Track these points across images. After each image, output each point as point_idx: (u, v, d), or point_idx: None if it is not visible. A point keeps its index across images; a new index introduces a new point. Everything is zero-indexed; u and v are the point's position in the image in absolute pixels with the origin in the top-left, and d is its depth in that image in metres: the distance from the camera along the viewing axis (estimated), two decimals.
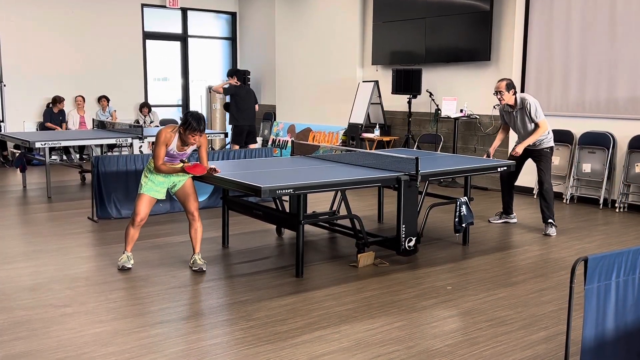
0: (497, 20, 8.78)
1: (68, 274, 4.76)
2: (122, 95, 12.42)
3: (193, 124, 4.51)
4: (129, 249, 4.89)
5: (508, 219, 6.69)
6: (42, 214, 7.01)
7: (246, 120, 9.73)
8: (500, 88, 6.10)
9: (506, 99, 6.12)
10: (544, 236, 6.09)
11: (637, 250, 2.57)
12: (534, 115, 6.06)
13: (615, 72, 7.52)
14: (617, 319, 2.59)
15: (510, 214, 6.68)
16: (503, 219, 6.69)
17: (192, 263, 4.88)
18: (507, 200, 6.65)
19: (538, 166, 6.29)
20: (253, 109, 9.87)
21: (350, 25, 10.93)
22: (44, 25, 11.58)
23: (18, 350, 3.38)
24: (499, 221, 6.69)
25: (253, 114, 9.86)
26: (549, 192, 6.19)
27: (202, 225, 4.91)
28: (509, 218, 6.69)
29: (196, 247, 4.89)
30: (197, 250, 4.89)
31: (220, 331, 3.68)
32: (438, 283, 4.63)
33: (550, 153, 6.27)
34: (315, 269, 4.95)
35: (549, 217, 6.19)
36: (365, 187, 4.89)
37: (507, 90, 6.08)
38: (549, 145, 6.25)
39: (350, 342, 3.53)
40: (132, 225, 4.80)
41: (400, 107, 10.17)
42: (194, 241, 4.88)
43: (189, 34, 13.57)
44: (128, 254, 4.89)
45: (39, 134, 9.05)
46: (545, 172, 6.23)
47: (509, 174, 6.47)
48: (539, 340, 3.59)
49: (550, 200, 6.19)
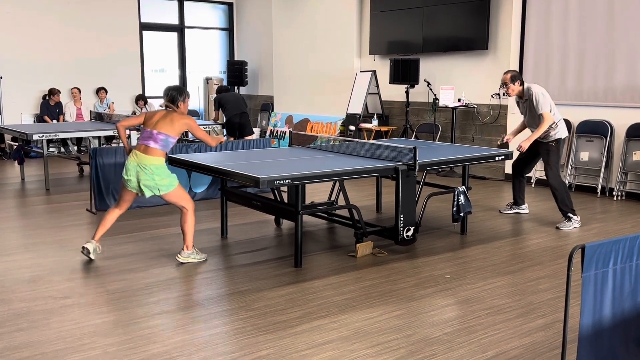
0: (494, 9, 8.75)
1: (67, 265, 4.76)
2: (119, 87, 12.38)
3: (184, 88, 4.73)
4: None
5: (519, 210, 6.64)
6: (40, 206, 7.01)
7: (231, 111, 9.71)
8: (505, 80, 5.98)
9: (513, 91, 6.00)
10: (556, 230, 5.96)
11: (634, 238, 2.58)
12: (537, 106, 5.91)
13: (613, 61, 7.51)
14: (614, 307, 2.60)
15: (522, 204, 6.63)
16: (514, 209, 6.65)
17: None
18: (518, 191, 6.57)
19: (543, 160, 6.19)
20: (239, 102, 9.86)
21: (347, 14, 10.90)
22: (41, 17, 11.53)
23: (18, 342, 3.39)
24: (510, 212, 6.66)
25: (239, 106, 9.83)
26: (556, 186, 6.02)
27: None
28: (520, 209, 6.63)
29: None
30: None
31: (219, 321, 3.70)
32: (436, 272, 4.65)
33: (556, 146, 6.05)
34: (313, 259, 4.96)
35: (565, 212, 6.03)
36: (363, 177, 4.90)
37: (512, 82, 5.96)
38: (555, 138, 6.04)
39: (349, 331, 3.55)
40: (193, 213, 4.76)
41: (398, 97, 10.16)
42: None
43: (186, 24, 13.53)
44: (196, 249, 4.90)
45: (36, 126, 9.03)
46: (550, 166, 6.07)
47: (521, 166, 6.43)
48: (536, 328, 3.61)
49: (560, 194, 6.01)
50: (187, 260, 4.79)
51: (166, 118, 4.61)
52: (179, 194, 4.68)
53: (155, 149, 4.55)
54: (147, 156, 4.53)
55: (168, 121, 4.59)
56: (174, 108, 4.67)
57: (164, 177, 4.59)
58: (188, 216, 4.71)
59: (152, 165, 4.53)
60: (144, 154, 4.55)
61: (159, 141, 4.55)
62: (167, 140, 4.58)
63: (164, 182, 4.60)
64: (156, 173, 4.55)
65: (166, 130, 4.56)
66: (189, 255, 4.80)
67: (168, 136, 4.57)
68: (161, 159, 4.59)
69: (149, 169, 4.52)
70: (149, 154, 4.54)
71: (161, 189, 4.60)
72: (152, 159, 4.53)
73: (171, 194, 4.65)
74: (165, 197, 4.66)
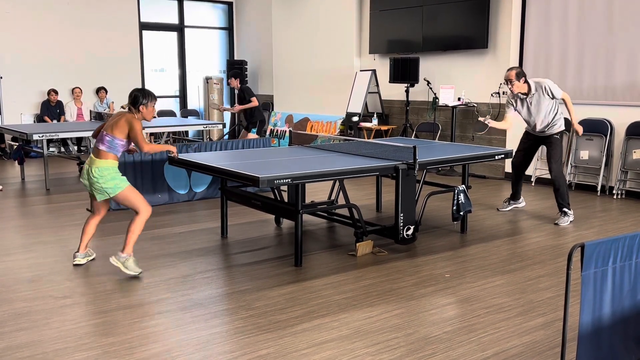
0: (494, 7, 8.75)
1: (67, 265, 4.77)
2: (119, 87, 12.37)
3: (152, 92, 4.52)
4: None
5: (516, 204, 6.70)
6: (40, 206, 7.01)
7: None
8: (511, 77, 6.00)
9: (518, 88, 6.03)
10: (555, 225, 6.03)
11: (633, 236, 2.58)
12: (555, 92, 6.01)
13: (612, 59, 7.51)
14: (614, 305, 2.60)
15: (519, 199, 6.69)
16: (512, 204, 6.69)
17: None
18: (517, 187, 6.63)
19: (547, 154, 6.23)
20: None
21: (347, 14, 10.90)
22: (41, 17, 11.53)
23: (19, 342, 3.40)
24: (507, 208, 6.68)
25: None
26: (558, 179, 6.07)
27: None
28: (517, 203, 6.70)
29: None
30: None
31: (220, 320, 3.70)
32: (436, 271, 4.65)
33: (560, 139, 6.17)
34: (314, 258, 4.97)
35: (562, 206, 6.12)
36: (363, 176, 4.90)
37: (517, 79, 5.99)
38: (559, 130, 6.15)
39: (349, 330, 3.55)
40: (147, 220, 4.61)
41: (397, 96, 10.16)
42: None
43: (186, 24, 13.52)
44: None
45: (36, 126, 9.04)
46: (554, 160, 6.13)
47: (522, 162, 6.47)
48: (536, 327, 3.61)
49: (560, 188, 6.08)
50: (118, 264, 4.46)
51: (115, 119, 4.46)
52: (129, 196, 4.47)
53: (102, 151, 4.42)
54: (95, 159, 4.43)
55: (116, 122, 4.43)
56: (134, 110, 4.49)
57: (108, 180, 4.42)
58: (138, 219, 4.49)
59: (97, 168, 4.41)
60: (95, 157, 4.44)
61: (105, 142, 4.42)
62: (112, 142, 4.41)
63: (109, 184, 4.43)
64: (100, 176, 4.41)
65: (112, 131, 4.41)
66: (123, 260, 4.47)
67: (114, 137, 4.40)
68: (108, 161, 4.43)
69: (93, 171, 4.42)
70: (99, 156, 4.43)
71: (108, 192, 4.44)
72: (98, 162, 4.42)
73: (120, 197, 4.46)
74: (116, 199, 4.49)
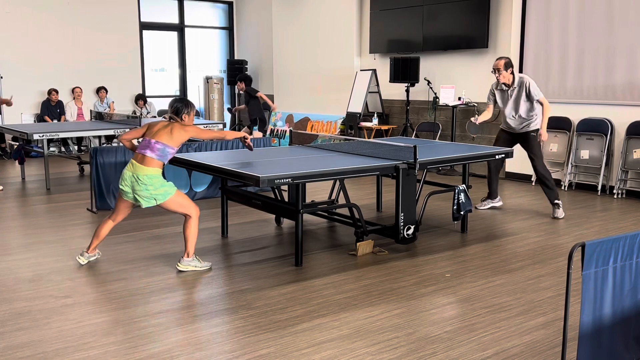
0: (494, 7, 8.75)
1: (68, 265, 4.77)
2: (119, 86, 12.39)
3: (190, 101, 4.65)
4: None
5: (494, 203, 6.77)
6: (41, 205, 7.01)
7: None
8: (499, 66, 6.16)
9: (503, 78, 6.18)
10: (553, 219, 6.19)
11: (634, 236, 2.58)
12: (534, 93, 6.11)
13: (613, 59, 7.51)
14: (614, 305, 2.60)
15: (495, 197, 6.75)
16: (489, 204, 6.76)
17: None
18: (494, 186, 6.72)
19: (528, 153, 6.36)
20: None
21: (347, 13, 10.89)
22: (41, 17, 11.53)
23: (19, 341, 3.40)
24: (486, 207, 6.74)
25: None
26: (545, 175, 6.25)
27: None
28: (495, 202, 6.77)
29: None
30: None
31: (220, 320, 3.70)
32: (437, 270, 4.65)
33: (535, 136, 6.29)
34: (314, 258, 4.97)
35: (553, 199, 6.26)
36: (363, 175, 4.90)
37: (505, 69, 6.14)
38: (535, 127, 6.27)
39: (349, 330, 3.55)
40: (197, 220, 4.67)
41: (398, 96, 10.16)
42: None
43: (186, 24, 13.52)
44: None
45: (37, 126, 9.04)
46: (536, 157, 6.28)
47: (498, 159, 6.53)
48: (537, 326, 3.61)
49: (548, 182, 6.25)
50: (187, 268, 4.62)
51: (166, 128, 4.50)
52: (179, 202, 4.54)
53: (151, 159, 4.42)
54: (142, 166, 4.41)
55: (168, 131, 4.48)
56: (178, 120, 4.58)
57: (158, 187, 4.45)
58: (191, 222, 4.58)
59: (145, 176, 4.41)
60: (140, 163, 4.44)
61: (155, 150, 4.44)
62: (164, 150, 4.45)
63: (159, 191, 4.46)
64: (150, 183, 4.42)
65: (164, 139, 4.45)
66: (189, 263, 4.63)
67: (166, 146, 4.45)
68: (156, 169, 4.45)
69: (142, 179, 4.41)
70: (144, 163, 4.42)
71: (157, 199, 4.47)
72: (146, 169, 4.41)
73: (170, 203, 4.51)
74: (164, 206, 4.52)
